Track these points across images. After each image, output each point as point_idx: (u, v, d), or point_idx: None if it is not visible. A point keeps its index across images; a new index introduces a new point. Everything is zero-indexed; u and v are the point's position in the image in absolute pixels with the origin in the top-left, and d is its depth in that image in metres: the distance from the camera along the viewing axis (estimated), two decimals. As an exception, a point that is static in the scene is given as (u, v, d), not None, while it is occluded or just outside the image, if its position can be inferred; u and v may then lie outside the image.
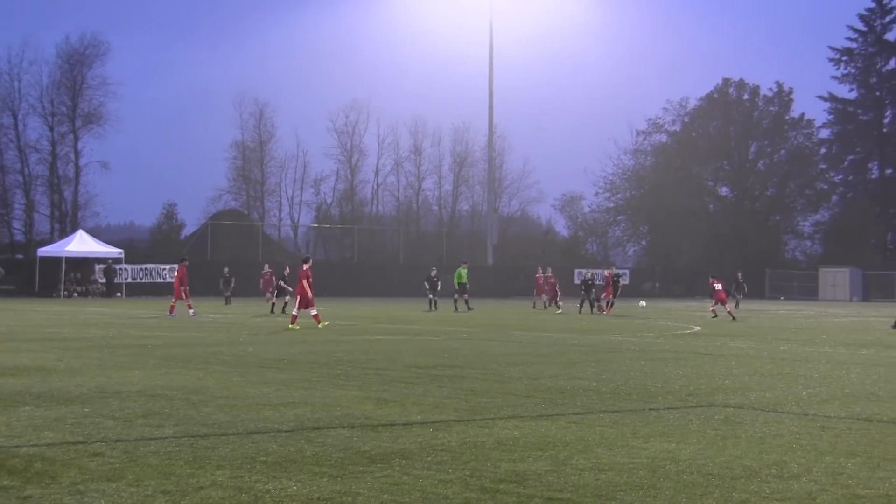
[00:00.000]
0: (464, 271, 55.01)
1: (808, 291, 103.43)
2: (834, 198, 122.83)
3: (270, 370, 19.62)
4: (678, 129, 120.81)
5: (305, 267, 36.87)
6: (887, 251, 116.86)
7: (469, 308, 53.01)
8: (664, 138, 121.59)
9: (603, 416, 13.83)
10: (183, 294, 44.10)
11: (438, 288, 54.00)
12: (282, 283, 48.26)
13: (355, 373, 19.25)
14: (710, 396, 16.18)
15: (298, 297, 36.50)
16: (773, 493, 9.17)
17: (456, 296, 54.29)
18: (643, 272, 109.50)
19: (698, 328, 38.75)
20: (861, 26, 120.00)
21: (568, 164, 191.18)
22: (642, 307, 50.24)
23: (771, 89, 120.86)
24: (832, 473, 10.05)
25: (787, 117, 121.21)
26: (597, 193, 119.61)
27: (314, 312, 36.14)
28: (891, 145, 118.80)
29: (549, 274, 58.50)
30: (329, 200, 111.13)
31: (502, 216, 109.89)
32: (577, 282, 54.22)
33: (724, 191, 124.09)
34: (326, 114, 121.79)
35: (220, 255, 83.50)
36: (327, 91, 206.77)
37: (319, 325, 35.26)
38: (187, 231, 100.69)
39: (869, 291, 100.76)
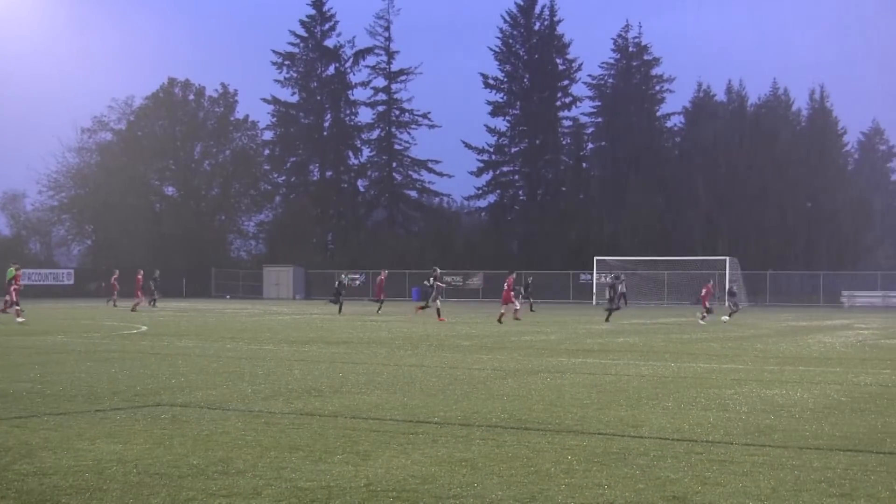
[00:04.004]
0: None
1: (253, 290, 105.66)
2: (277, 198, 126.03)
3: None
4: (123, 128, 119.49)
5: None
6: (327, 250, 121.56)
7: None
8: (109, 137, 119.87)
9: (47, 419, 13.52)
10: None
11: None
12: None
13: None
14: (156, 396, 16.21)
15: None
16: (219, 489, 9.35)
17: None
18: (88, 272, 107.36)
19: (144, 328, 38.61)
20: (302, 32, 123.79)
21: (10, 161, 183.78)
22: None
23: (216, 90, 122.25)
24: (276, 468, 10.38)
25: (231, 118, 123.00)
26: (40, 192, 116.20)
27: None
28: (330, 148, 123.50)
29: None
30: None
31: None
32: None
33: (170, 190, 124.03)
34: None
35: None
36: None
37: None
38: None
39: (311, 289, 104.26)
